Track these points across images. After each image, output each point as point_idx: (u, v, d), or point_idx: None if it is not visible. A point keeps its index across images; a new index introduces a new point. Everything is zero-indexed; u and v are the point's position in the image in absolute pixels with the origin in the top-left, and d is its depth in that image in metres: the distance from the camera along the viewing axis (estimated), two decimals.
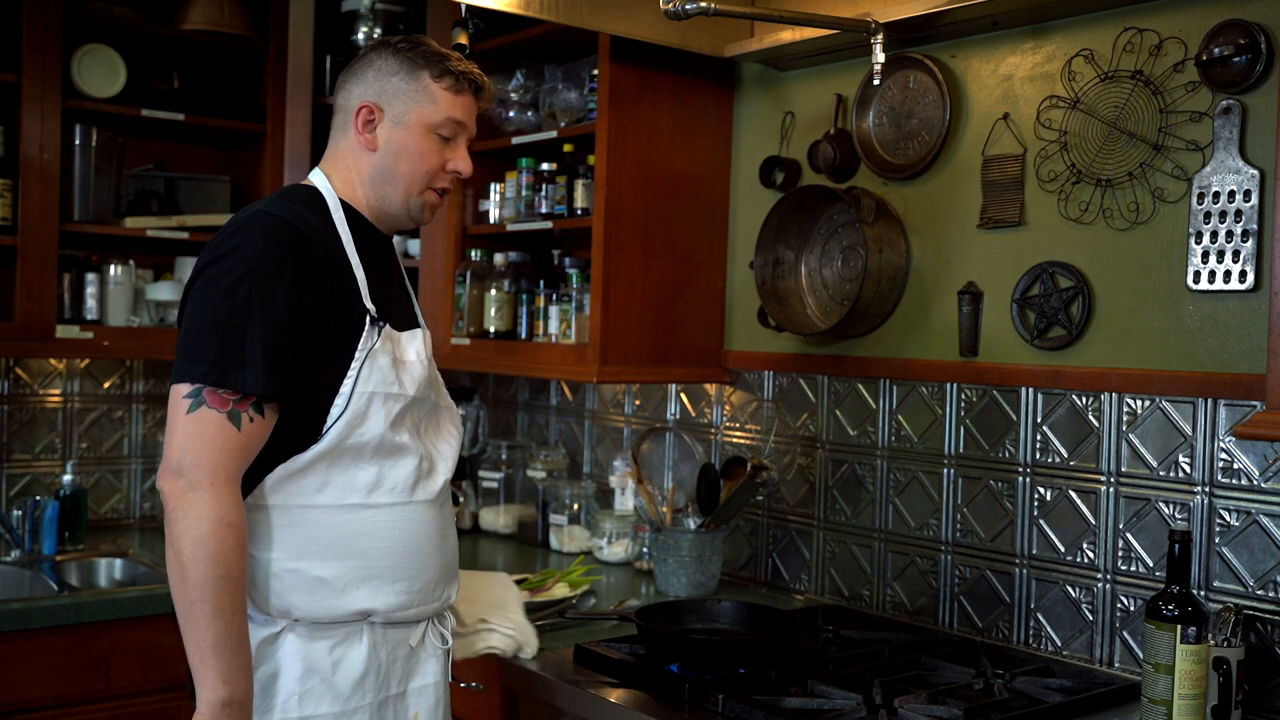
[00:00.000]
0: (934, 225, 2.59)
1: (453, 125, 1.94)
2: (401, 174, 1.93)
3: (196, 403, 1.71)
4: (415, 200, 1.95)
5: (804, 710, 1.98)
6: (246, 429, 1.73)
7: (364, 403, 1.83)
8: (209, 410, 1.71)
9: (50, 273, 3.15)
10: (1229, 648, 1.95)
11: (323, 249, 1.82)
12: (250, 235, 1.78)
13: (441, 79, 1.92)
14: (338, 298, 1.83)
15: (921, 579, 2.60)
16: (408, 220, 1.98)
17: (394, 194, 1.94)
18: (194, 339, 1.74)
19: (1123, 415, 2.28)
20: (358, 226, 1.94)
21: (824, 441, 2.82)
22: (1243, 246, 2.09)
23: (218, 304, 1.74)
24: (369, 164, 1.93)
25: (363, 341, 1.84)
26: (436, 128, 1.92)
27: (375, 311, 1.87)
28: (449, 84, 1.93)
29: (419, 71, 1.92)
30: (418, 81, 1.92)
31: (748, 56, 2.83)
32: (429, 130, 1.92)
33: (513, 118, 3.25)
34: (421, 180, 1.94)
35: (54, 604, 2.71)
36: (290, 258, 1.77)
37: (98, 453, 3.56)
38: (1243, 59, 2.08)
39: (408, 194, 1.94)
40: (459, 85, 1.93)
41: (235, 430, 1.72)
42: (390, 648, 1.91)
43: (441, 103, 1.92)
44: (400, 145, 1.92)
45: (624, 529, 3.17)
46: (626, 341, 2.88)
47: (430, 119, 1.92)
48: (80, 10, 3.22)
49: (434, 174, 1.95)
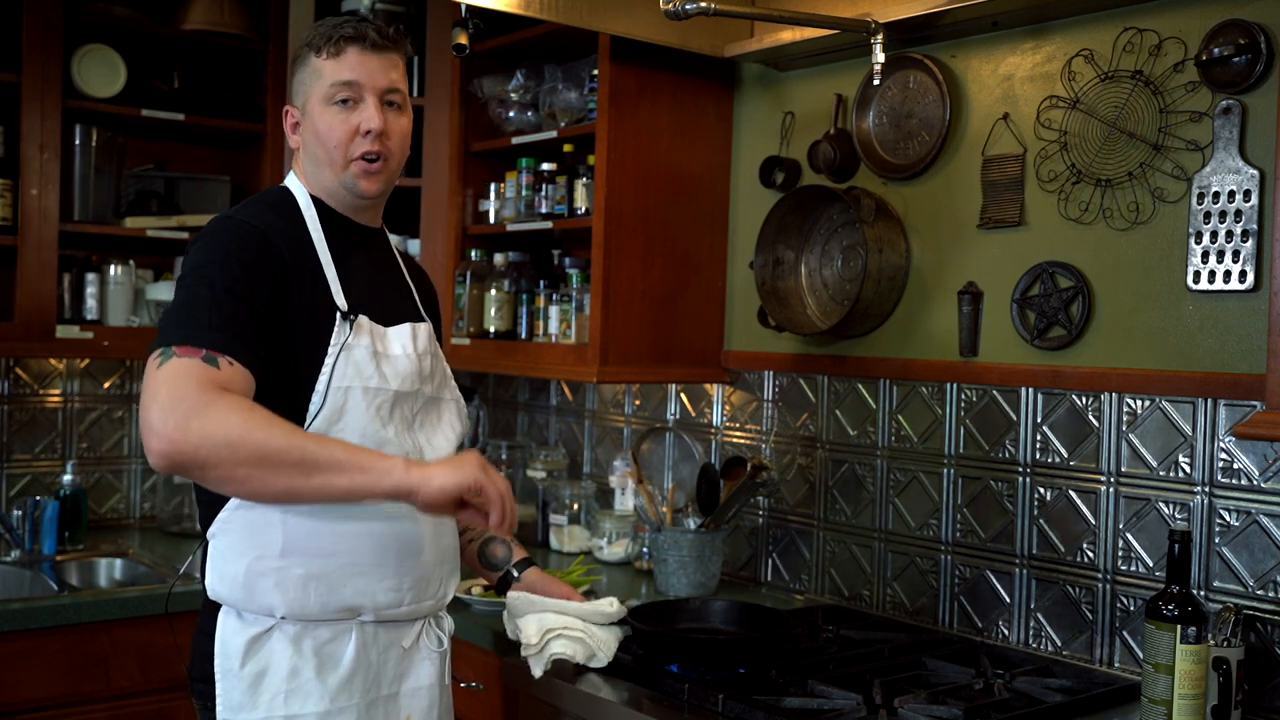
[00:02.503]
0: (934, 225, 2.59)
1: (342, 87, 1.90)
2: (321, 156, 1.93)
3: (166, 356, 1.67)
4: (345, 176, 1.93)
5: (804, 710, 1.98)
6: (226, 369, 1.68)
7: (341, 397, 1.83)
8: (179, 359, 1.66)
9: (50, 273, 3.15)
10: (1229, 648, 1.95)
11: (287, 246, 1.84)
12: (213, 241, 1.81)
13: (321, 51, 1.92)
14: (304, 291, 1.84)
15: (921, 579, 2.61)
16: (354, 198, 1.96)
17: (327, 177, 1.94)
18: (166, 319, 1.75)
19: (1123, 415, 2.28)
20: (333, 222, 1.95)
21: (824, 441, 2.82)
22: (1243, 246, 2.09)
23: (181, 293, 1.77)
24: (303, 159, 1.97)
25: (334, 336, 1.85)
26: (330, 98, 1.91)
27: (346, 306, 1.87)
28: (328, 52, 1.91)
29: (309, 57, 1.94)
30: (309, 67, 1.94)
31: (748, 56, 2.83)
32: (325, 104, 1.91)
33: (513, 118, 3.25)
34: (339, 153, 1.91)
35: (54, 604, 2.71)
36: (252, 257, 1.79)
37: (98, 453, 3.56)
38: (1243, 59, 2.08)
39: (335, 173, 1.93)
40: (335, 47, 1.91)
41: (214, 369, 1.67)
42: (382, 648, 1.91)
43: (327, 71, 1.91)
44: (312, 131, 1.93)
45: (624, 529, 3.17)
46: (626, 341, 2.88)
47: (321, 92, 1.91)
48: (80, 10, 3.22)
49: (347, 143, 1.91)
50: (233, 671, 1.82)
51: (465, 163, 3.35)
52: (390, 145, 1.93)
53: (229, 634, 1.84)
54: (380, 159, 1.93)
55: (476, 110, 3.34)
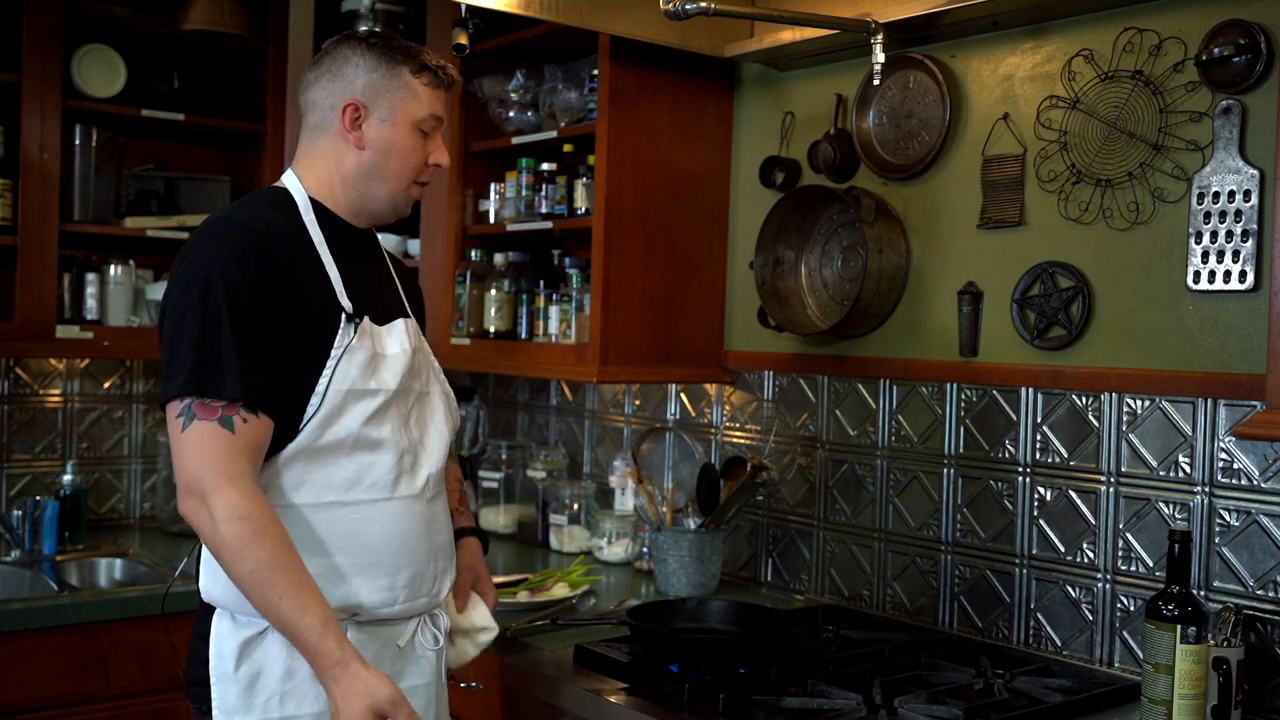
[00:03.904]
0: (934, 225, 2.59)
1: (434, 121, 1.96)
2: (391, 170, 1.94)
3: (188, 419, 1.73)
4: (401, 195, 1.98)
5: (804, 710, 1.98)
6: (241, 429, 1.73)
7: (339, 400, 1.83)
8: (200, 422, 1.72)
9: (50, 273, 3.15)
10: (1229, 648, 1.95)
11: (289, 249, 1.84)
12: (217, 243, 1.80)
13: (420, 74, 1.94)
14: (309, 296, 1.84)
15: (921, 579, 2.60)
16: (391, 214, 2.00)
17: (381, 190, 1.95)
18: (173, 352, 1.76)
19: (1123, 415, 2.28)
20: (330, 223, 1.95)
21: (824, 441, 2.82)
22: (1243, 246, 2.09)
23: (190, 315, 1.76)
24: (354, 162, 1.94)
25: (339, 339, 1.85)
26: (420, 124, 1.94)
27: (351, 308, 1.88)
28: (428, 80, 1.95)
29: (398, 68, 1.93)
30: (399, 78, 1.93)
31: (748, 56, 2.83)
32: (414, 126, 1.94)
33: (513, 118, 3.25)
34: (409, 175, 1.97)
35: (54, 604, 2.71)
36: (253, 260, 1.78)
37: (98, 453, 3.56)
38: (1243, 59, 2.08)
39: (395, 189, 1.96)
40: (437, 80, 1.96)
41: (229, 433, 1.73)
42: (377, 648, 1.90)
43: (424, 99, 1.94)
44: (389, 143, 1.93)
45: (624, 529, 3.17)
46: (626, 341, 2.88)
47: (415, 115, 1.94)
48: (80, 10, 3.22)
49: (419, 169, 1.98)
50: (227, 674, 1.82)
51: (465, 163, 3.35)
52: None
53: (223, 636, 1.83)
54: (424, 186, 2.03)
55: (476, 110, 3.34)
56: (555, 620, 2.51)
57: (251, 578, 1.69)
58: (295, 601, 1.69)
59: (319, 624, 1.68)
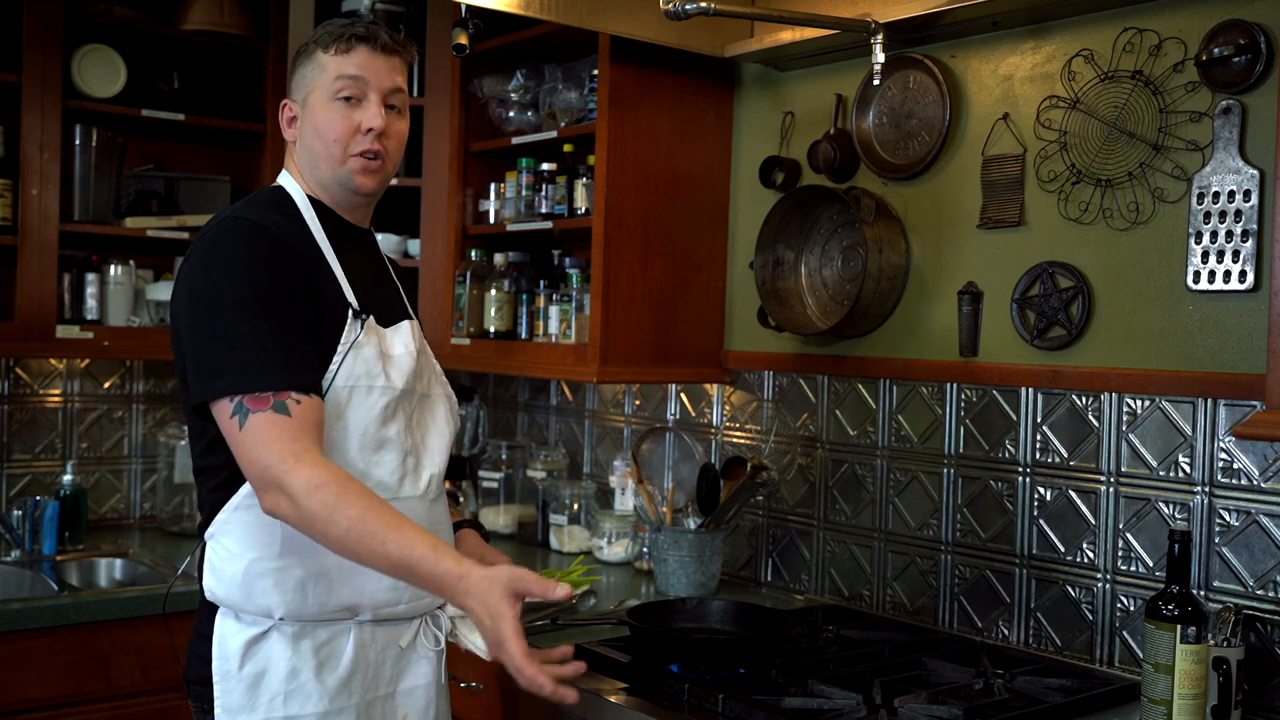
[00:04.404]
0: (934, 225, 2.59)
1: (346, 82, 1.90)
2: (319, 151, 1.92)
3: (243, 416, 1.71)
4: (341, 171, 1.92)
5: (804, 710, 1.98)
6: (297, 411, 1.72)
7: (343, 395, 1.83)
8: (255, 415, 1.71)
9: (50, 273, 3.15)
10: (1229, 648, 1.95)
11: (299, 247, 1.84)
12: (231, 240, 1.80)
13: (329, 47, 1.91)
14: (321, 289, 1.84)
15: (921, 579, 2.60)
16: (355, 193, 1.95)
17: (323, 172, 1.94)
18: (210, 353, 1.75)
19: (1123, 415, 2.28)
20: (330, 221, 1.95)
21: (824, 441, 2.82)
22: (1243, 246, 2.09)
23: (218, 312, 1.76)
24: (299, 154, 1.96)
25: (345, 334, 1.85)
26: (334, 93, 1.90)
27: (358, 305, 1.88)
28: (336, 48, 1.91)
29: (314, 51, 1.93)
30: (314, 61, 1.93)
31: (748, 56, 2.83)
32: (328, 99, 1.91)
33: (513, 118, 3.25)
34: (338, 149, 1.91)
35: (54, 604, 2.71)
36: (269, 251, 1.79)
37: (98, 453, 3.56)
38: (1242, 59, 2.08)
39: (333, 167, 1.92)
40: (344, 45, 1.91)
41: (286, 417, 1.71)
42: (380, 648, 1.90)
43: (330, 66, 1.91)
44: (310, 125, 1.92)
45: (624, 529, 3.17)
46: (626, 341, 2.88)
47: (324, 86, 1.91)
48: (80, 10, 3.22)
49: (347, 139, 1.91)
50: (231, 673, 1.82)
51: (465, 163, 3.35)
52: (388, 146, 1.94)
53: (227, 635, 1.84)
54: (379, 158, 1.93)
55: (476, 110, 3.34)
56: (555, 620, 2.51)
57: (349, 536, 1.66)
58: (399, 542, 1.65)
59: (430, 552, 1.65)
